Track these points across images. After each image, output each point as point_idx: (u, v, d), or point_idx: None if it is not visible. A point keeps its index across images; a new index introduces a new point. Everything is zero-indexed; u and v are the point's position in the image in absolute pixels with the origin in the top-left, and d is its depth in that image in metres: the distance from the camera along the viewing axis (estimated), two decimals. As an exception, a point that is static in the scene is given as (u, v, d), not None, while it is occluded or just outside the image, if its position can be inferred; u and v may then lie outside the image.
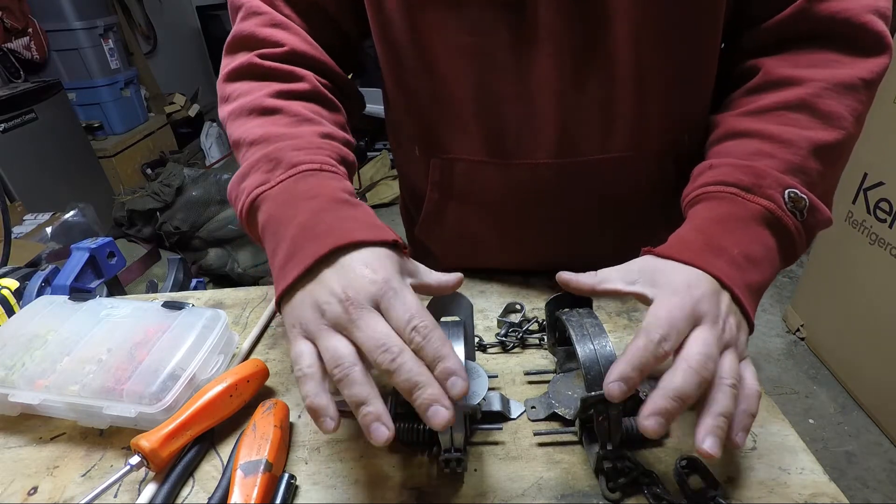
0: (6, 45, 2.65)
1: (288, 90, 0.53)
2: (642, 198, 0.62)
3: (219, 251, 2.41)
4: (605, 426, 0.41)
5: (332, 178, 0.47)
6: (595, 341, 0.42)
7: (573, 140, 0.56)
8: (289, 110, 0.51)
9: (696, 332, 0.39)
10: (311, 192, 0.44)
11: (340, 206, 0.44)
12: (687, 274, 0.42)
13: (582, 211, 0.62)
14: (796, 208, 0.45)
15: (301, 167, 0.46)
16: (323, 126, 0.52)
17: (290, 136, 0.49)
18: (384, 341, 0.37)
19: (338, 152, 0.51)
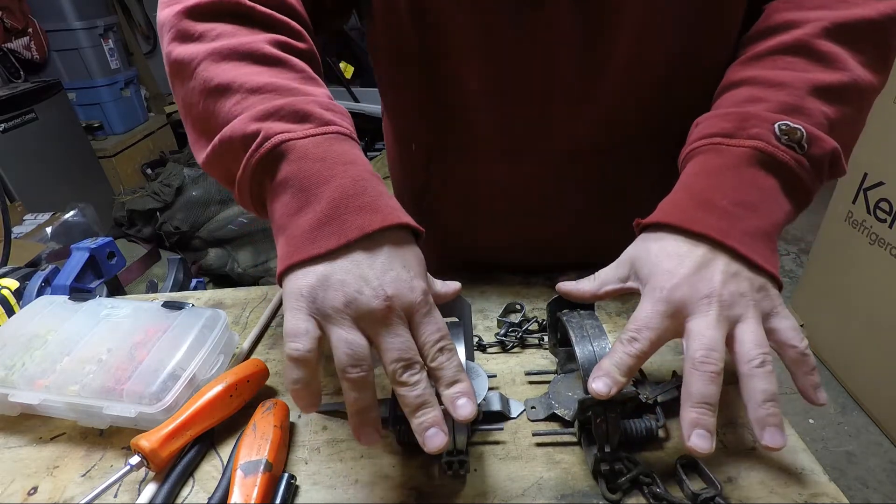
0: (6, 45, 2.65)
1: (289, 43, 0.45)
2: (649, 192, 0.62)
3: (219, 251, 2.41)
4: (604, 428, 0.41)
5: (361, 151, 0.42)
6: (595, 343, 0.42)
7: (579, 136, 0.56)
8: (295, 65, 0.43)
9: (690, 323, 0.38)
10: (349, 157, 0.39)
11: (378, 182, 0.39)
12: (672, 251, 0.40)
13: (586, 206, 0.62)
14: (792, 140, 0.41)
15: (334, 127, 0.40)
16: (328, 92, 0.45)
17: (304, 92, 0.41)
18: (410, 356, 0.35)
19: (349, 120, 0.44)
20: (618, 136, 0.57)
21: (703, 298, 0.37)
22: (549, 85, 0.53)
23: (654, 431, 0.45)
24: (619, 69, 0.52)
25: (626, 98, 0.54)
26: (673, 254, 0.40)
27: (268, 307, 0.67)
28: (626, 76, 0.53)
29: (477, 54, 0.53)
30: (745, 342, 0.36)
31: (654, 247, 0.41)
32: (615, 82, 0.53)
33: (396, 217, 0.37)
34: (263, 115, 0.39)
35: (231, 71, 0.41)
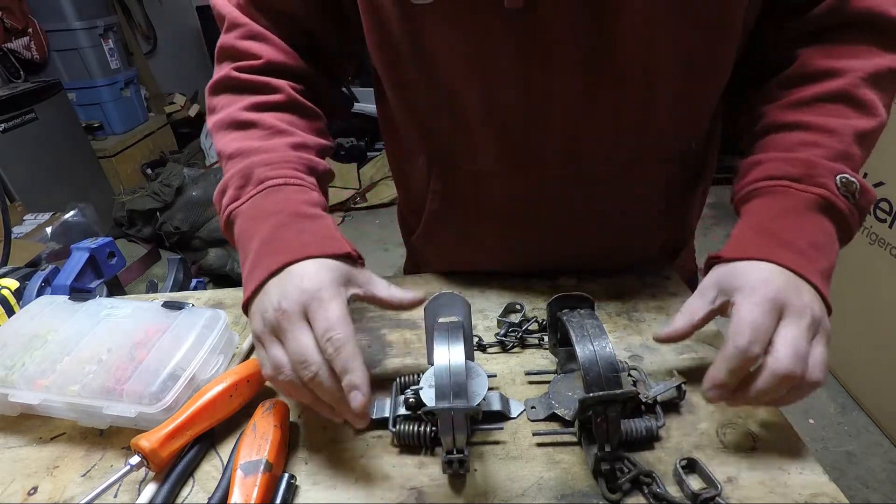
0: (6, 45, 2.65)
1: (263, 102, 0.55)
2: (647, 201, 0.63)
3: (219, 251, 2.41)
4: (604, 428, 0.41)
5: (297, 191, 0.49)
6: (595, 342, 0.42)
7: (580, 150, 0.56)
8: (262, 123, 0.53)
9: (784, 329, 0.41)
10: (275, 207, 0.48)
11: (299, 221, 0.47)
12: (762, 270, 0.44)
13: (586, 216, 0.62)
14: (848, 191, 0.47)
15: (267, 183, 0.49)
16: (295, 136, 0.54)
17: (262, 149, 0.51)
18: (305, 356, 0.40)
19: (307, 163, 0.53)
20: (616, 154, 0.57)
21: (802, 308, 0.42)
22: (547, 105, 0.53)
23: (654, 431, 0.45)
24: (615, 90, 0.52)
25: (623, 117, 0.54)
26: (764, 269, 0.44)
27: (268, 307, 0.67)
28: (624, 97, 0.52)
29: (473, 78, 0.52)
30: (814, 360, 0.42)
31: (741, 266, 0.46)
32: (612, 102, 0.52)
33: (302, 252, 0.44)
34: (223, 188, 0.52)
35: (220, 140, 0.54)
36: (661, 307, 0.63)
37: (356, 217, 3.06)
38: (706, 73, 0.54)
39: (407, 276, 0.73)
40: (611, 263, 0.69)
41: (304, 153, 0.53)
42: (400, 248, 2.73)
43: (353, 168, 3.12)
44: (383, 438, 0.48)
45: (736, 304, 0.43)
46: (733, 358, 0.41)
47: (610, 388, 0.40)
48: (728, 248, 0.48)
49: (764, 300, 0.42)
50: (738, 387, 0.42)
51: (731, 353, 0.41)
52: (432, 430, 0.46)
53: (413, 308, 0.49)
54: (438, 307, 0.50)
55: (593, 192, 0.59)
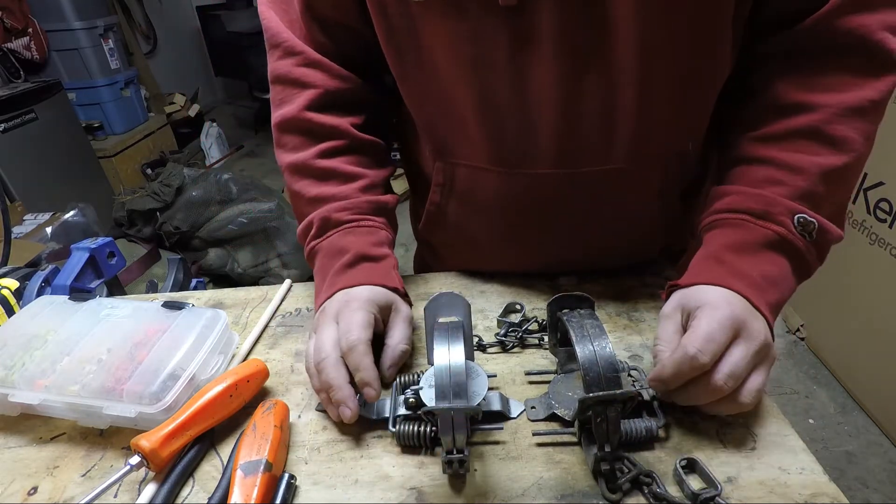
0: (6, 45, 2.65)
1: (331, 148, 0.62)
2: (644, 202, 0.62)
3: (219, 251, 2.41)
4: (604, 428, 0.41)
5: (367, 232, 0.60)
6: (595, 342, 0.42)
7: (574, 150, 0.56)
8: (336, 170, 0.62)
9: (734, 348, 0.44)
10: (348, 247, 0.58)
11: (364, 261, 0.58)
12: (720, 292, 0.47)
13: (583, 216, 0.62)
14: (805, 231, 0.49)
15: (343, 226, 0.60)
16: (364, 179, 0.62)
17: (338, 196, 0.61)
18: (321, 346, 0.50)
19: (375, 204, 0.62)
20: (610, 153, 0.56)
21: (755, 331, 0.44)
22: (539, 103, 0.53)
23: (654, 431, 0.45)
24: (609, 89, 0.51)
25: (616, 116, 0.53)
26: (722, 292, 0.47)
27: (268, 307, 0.67)
28: (617, 95, 0.52)
29: (467, 74, 0.53)
30: (748, 387, 0.44)
31: (700, 288, 0.48)
32: (606, 100, 0.52)
33: (359, 281, 0.56)
34: (307, 226, 0.62)
35: (297, 182, 0.63)
36: (662, 307, 0.63)
37: (356, 217, 3.06)
38: (701, 73, 0.54)
39: (407, 277, 0.73)
40: (610, 264, 0.69)
41: (372, 195, 0.62)
42: (400, 248, 2.73)
43: (353, 168, 3.12)
44: (383, 438, 0.48)
45: (696, 317, 0.45)
46: (681, 363, 0.43)
47: (610, 389, 0.40)
48: (686, 276, 0.50)
49: (723, 317, 0.44)
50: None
51: (680, 357, 0.43)
52: (432, 430, 0.46)
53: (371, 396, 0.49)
54: (438, 307, 0.50)
55: (588, 192, 0.59)
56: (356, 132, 0.64)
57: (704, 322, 0.44)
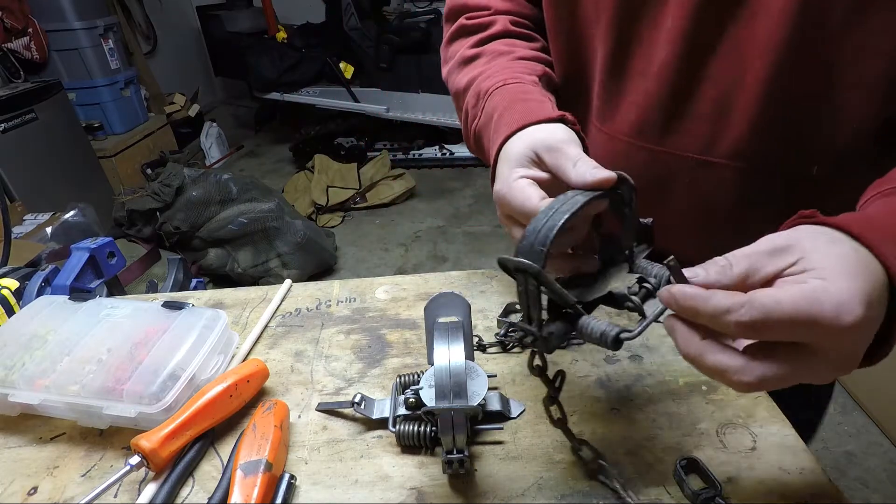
0: (6, 45, 2.65)
1: (485, 36, 0.62)
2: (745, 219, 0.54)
3: (219, 251, 2.41)
4: (525, 300, 0.37)
5: (515, 88, 0.53)
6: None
7: (679, 130, 0.52)
8: (484, 52, 0.60)
9: (790, 355, 0.31)
10: (499, 103, 0.52)
11: (515, 103, 0.51)
12: (861, 258, 0.31)
13: (715, 210, 0.56)
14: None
15: (491, 91, 0.55)
16: (514, 53, 0.59)
17: (485, 72, 0.58)
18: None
19: (524, 67, 0.57)
20: (719, 145, 0.51)
21: (840, 352, 0.31)
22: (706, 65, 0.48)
23: (608, 338, 0.36)
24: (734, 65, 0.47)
25: (736, 102, 0.48)
26: (860, 261, 0.31)
27: (268, 307, 0.67)
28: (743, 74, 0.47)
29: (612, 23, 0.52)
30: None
31: (837, 240, 0.32)
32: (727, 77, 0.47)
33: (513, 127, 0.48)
34: (464, 117, 0.60)
35: (454, 80, 0.63)
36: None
37: (356, 217, 3.06)
38: (849, 74, 0.45)
39: (407, 276, 0.73)
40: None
41: (519, 63, 0.58)
42: (400, 248, 2.74)
43: (353, 168, 3.12)
44: (383, 438, 0.48)
45: (790, 281, 0.31)
46: (711, 308, 0.31)
47: (532, 260, 0.35)
48: (841, 217, 0.34)
49: (822, 313, 0.29)
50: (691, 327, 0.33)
51: (717, 305, 0.31)
52: (432, 430, 0.46)
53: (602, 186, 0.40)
54: (438, 307, 0.50)
55: (686, 181, 0.54)
56: (510, 25, 0.63)
57: (791, 298, 0.29)
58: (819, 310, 0.29)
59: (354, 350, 0.60)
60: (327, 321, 0.65)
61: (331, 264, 2.54)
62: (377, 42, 3.32)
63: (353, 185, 3.06)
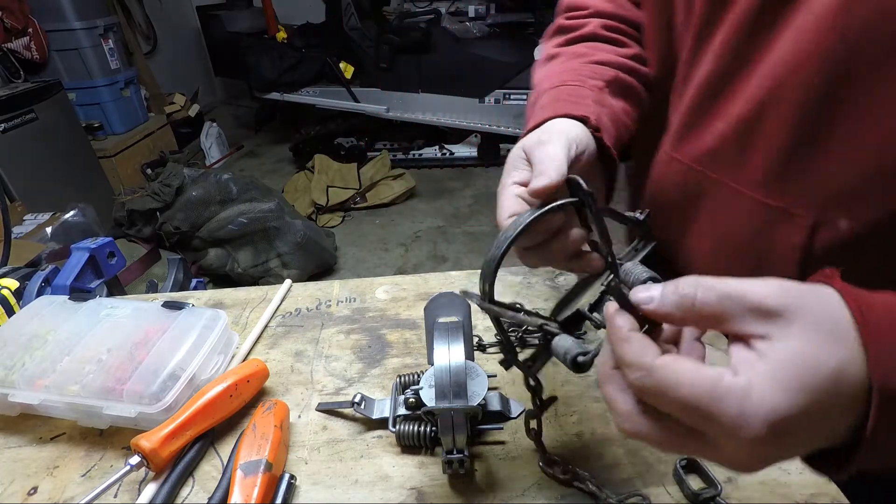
0: (6, 45, 2.65)
1: (572, 37, 0.61)
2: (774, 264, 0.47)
3: (219, 251, 2.41)
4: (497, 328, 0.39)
5: (569, 89, 0.52)
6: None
7: (705, 150, 0.48)
8: (564, 53, 0.59)
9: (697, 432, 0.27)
10: (546, 102, 0.52)
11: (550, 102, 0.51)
12: (844, 350, 0.26)
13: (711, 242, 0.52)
14: None
15: (548, 92, 0.54)
16: (591, 56, 0.57)
17: (556, 72, 0.57)
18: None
19: (592, 71, 0.55)
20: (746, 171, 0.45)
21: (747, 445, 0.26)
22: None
23: (567, 360, 0.35)
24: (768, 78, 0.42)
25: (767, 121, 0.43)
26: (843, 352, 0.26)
27: (268, 307, 0.67)
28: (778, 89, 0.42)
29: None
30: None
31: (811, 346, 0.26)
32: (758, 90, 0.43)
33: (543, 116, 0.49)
34: (527, 111, 0.56)
35: (534, 75, 0.61)
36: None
37: (356, 217, 3.06)
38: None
39: (407, 276, 0.73)
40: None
41: (591, 66, 0.56)
42: (400, 248, 2.74)
43: (353, 168, 3.12)
44: (383, 438, 0.48)
45: (737, 355, 0.27)
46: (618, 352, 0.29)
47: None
48: (862, 291, 0.28)
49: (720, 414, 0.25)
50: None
51: (622, 353, 0.29)
52: (432, 430, 0.46)
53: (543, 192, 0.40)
54: (438, 307, 0.50)
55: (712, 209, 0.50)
56: (600, 28, 0.61)
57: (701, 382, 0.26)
58: (718, 409, 0.25)
59: (354, 350, 0.60)
60: (327, 321, 0.65)
61: (331, 264, 2.54)
62: (377, 42, 3.32)
63: (353, 185, 3.06)
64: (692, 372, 0.26)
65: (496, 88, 3.31)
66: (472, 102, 3.36)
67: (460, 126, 3.41)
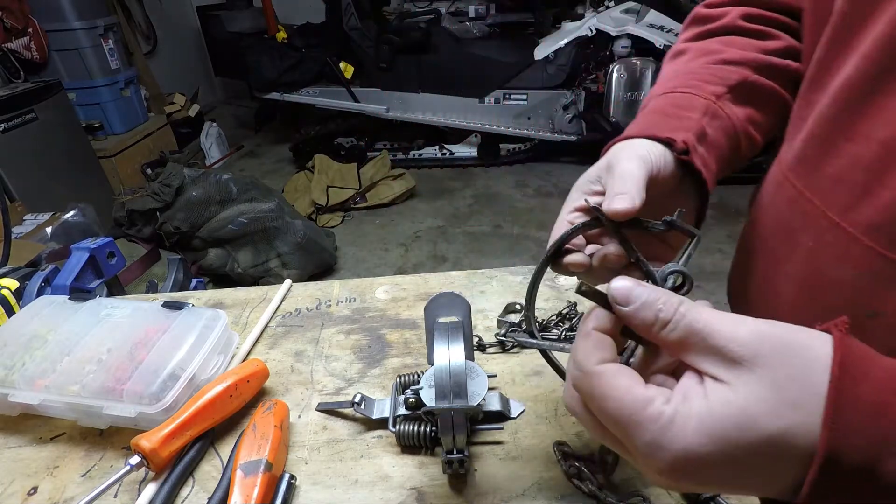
0: (6, 45, 2.65)
1: (706, 30, 0.54)
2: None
3: (219, 251, 2.41)
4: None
5: (679, 97, 0.47)
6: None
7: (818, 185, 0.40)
8: (691, 49, 0.53)
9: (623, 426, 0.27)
10: (653, 109, 0.47)
11: (652, 114, 0.46)
12: (796, 416, 0.24)
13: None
14: None
15: (658, 98, 0.49)
16: (720, 54, 0.50)
17: (678, 71, 0.51)
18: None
19: (715, 73, 0.48)
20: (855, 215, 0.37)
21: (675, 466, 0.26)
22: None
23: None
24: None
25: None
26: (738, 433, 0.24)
27: (268, 307, 0.67)
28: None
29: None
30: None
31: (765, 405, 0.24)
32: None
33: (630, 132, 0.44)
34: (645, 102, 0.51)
35: (663, 69, 0.55)
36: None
37: (356, 217, 3.06)
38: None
39: (407, 276, 0.73)
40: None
41: (716, 67, 0.49)
42: (399, 248, 2.74)
43: (353, 168, 3.12)
44: (383, 438, 0.48)
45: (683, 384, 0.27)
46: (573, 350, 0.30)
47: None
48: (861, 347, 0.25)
49: (634, 438, 0.26)
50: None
51: (573, 351, 0.30)
52: (432, 430, 0.46)
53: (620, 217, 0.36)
54: (438, 307, 0.50)
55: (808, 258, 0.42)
56: (740, 20, 0.53)
57: (625, 403, 0.26)
58: (634, 433, 0.26)
59: (354, 350, 0.60)
60: (327, 321, 0.65)
61: (331, 264, 2.54)
62: (377, 42, 3.32)
63: (353, 185, 3.07)
64: (622, 390, 0.27)
65: (496, 88, 3.31)
66: (472, 102, 3.36)
67: (460, 126, 3.42)
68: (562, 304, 0.64)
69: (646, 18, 3.02)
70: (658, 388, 0.27)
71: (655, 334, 0.28)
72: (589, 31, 3.09)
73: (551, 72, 3.22)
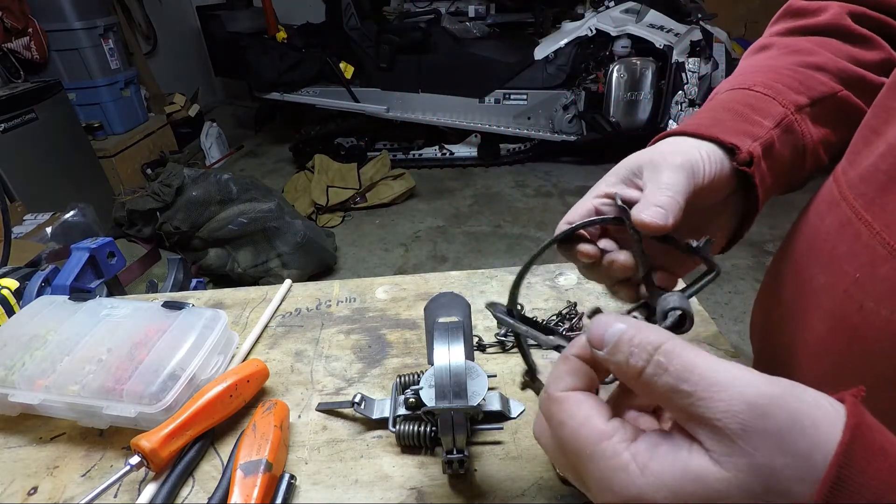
0: (6, 45, 2.65)
1: (800, 26, 0.47)
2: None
3: (219, 251, 2.41)
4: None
5: (747, 94, 0.42)
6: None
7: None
8: (777, 45, 0.47)
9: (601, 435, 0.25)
10: (719, 105, 0.43)
11: (720, 111, 0.41)
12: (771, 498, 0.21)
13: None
14: None
15: (725, 92, 0.44)
16: (808, 57, 0.44)
17: (754, 67, 0.46)
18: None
19: (797, 78, 0.42)
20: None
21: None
22: None
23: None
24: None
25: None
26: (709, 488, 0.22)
27: (268, 307, 0.67)
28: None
29: None
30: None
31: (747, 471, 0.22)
32: None
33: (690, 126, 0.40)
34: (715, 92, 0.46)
35: (742, 63, 0.50)
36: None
37: (356, 217, 3.06)
38: None
39: (407, 276, 0.73)
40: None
41: (803, 72, 0.42)
42: (399, 248, 2.74)
43: (353, 168, 3.12)
44: (383, 438, 0.48)
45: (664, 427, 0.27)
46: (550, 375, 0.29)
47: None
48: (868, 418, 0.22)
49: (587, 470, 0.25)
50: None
51: (548, 379, 0.29)
52: (432, 430, 0.46)
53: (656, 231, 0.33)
54: (438, 307, 0.50)
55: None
56: (843, 18, 0.45)
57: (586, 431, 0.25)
58: (584, 465, 0.25)
59: (354, 350, 0.60)
60: (327, 321, 0.65)
61: (331, 264, 2.54)
62: (377, 42, 3.32)
63: (353, 185, 3.07)
64: (579, 419, 0.26)
65: (496, 88, 3.31)
66: (472, 102, 3.36)
67: (460, 126, 3.42)
68: (562, 304, 0.64)
69: (646, 18, 3.03)
70: (621, 423, 0.25)
71: (634, 385, 0.25)
72: (589, 31, 3.09)
73: (551, 72, 3.22)
